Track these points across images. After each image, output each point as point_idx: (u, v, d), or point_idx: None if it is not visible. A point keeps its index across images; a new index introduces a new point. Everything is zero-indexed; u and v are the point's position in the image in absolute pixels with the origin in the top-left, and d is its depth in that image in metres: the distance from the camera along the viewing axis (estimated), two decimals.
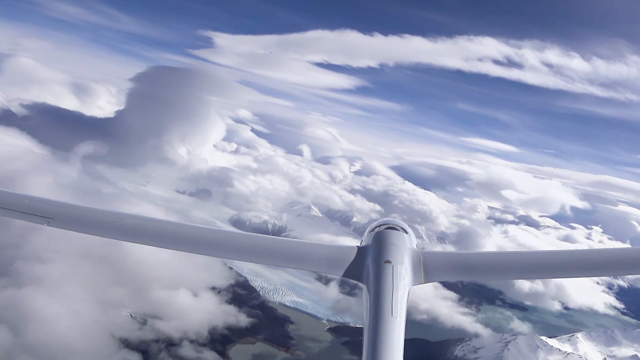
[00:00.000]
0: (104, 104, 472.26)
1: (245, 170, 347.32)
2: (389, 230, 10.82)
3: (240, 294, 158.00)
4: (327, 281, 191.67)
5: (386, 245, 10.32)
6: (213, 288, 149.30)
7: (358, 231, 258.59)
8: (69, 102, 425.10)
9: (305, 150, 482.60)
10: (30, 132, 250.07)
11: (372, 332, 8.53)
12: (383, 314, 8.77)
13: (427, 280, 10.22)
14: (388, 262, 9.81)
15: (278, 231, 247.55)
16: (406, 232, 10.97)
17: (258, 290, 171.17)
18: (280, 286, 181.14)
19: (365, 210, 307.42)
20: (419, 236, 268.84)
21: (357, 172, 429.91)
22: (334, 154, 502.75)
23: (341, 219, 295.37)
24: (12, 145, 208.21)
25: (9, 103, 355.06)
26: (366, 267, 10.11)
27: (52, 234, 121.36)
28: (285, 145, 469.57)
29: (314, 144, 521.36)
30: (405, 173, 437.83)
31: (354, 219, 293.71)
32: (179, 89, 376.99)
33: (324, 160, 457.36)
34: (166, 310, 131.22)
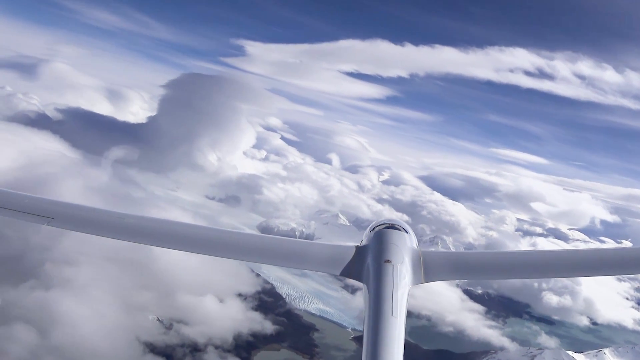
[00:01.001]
0: (136, 109, 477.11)
1: (274, 178, 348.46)
2: (389, 229, 10.83)
3: (267, 301, 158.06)
4: (353, 290, 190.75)
5: (386, 245, 10.34)
6: (239, 295, 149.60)
7: None
8: (102, 108, 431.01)
9: (334, 159, 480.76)
10: (63, 136, 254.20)
11: (372, 332, 8.56)
12: (383, 313, 8.78)
13: (427, 280, 10.23)
14: (388, 261, 9.82)
15: (305, 239, 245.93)
16: (406, 232, 10.97)
17: (284, 297, 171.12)
18: (306, 294, 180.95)
19: None
20: (446, 247, 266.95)
21: (385, 182, 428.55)
22: (362, 163, 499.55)
23: None
24: (44, 148, 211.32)
25: (45, 107, 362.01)
26: (366, 267, 10.11)
27: (81, 238, 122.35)
28: (315, 154, 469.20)
29: (343, 152, 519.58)
30: (434, 183, 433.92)
31: None
32: (210, 96, 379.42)
33: (353, 169, 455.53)
34: (192, 316, 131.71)
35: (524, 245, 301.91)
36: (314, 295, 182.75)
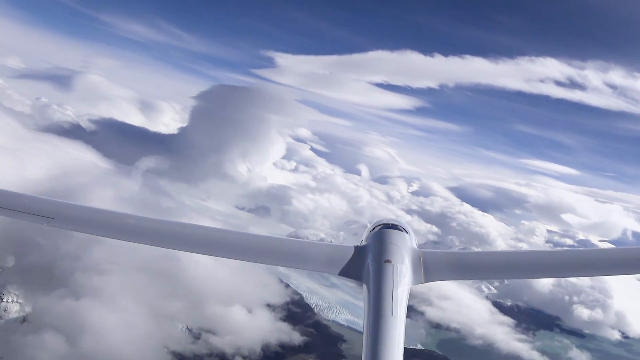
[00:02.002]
0: (168, 120, 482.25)
1: (303, 189, 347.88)
2: (389, 229, 11.07)
3: (295, 311, 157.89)
4: None
5: (386, 245, 10.49)
6: (268, 305, 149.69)
7: None
8: (135, 118, 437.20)
9: (364, 169, 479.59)
10: (95, 146, 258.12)
11: (372, 332, 8.56)
12: (383, 313, 8.81)
13: (427, 280, 10.34)
14: (388, 261, 9.93)
15: None
16: (406, 232, 11.16)
17: (313, 307, 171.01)
18: (334, 304, 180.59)
19: (423, 232, 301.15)
20: None
21: (414, 193, 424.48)
22: (392, 174, 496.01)
23: None
24: (77, 158, 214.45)
25: (79, 118, 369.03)
26: (366, 266, 10.18)
27: (112, 246, 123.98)
28: (344, 165, 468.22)
29: (372, 163, 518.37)
30: (463, 194, 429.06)
31: None
32: (241, 107, 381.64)
33: (382, 180, 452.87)
34: (220, 326, 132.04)
35: None
36: (343, 305, 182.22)
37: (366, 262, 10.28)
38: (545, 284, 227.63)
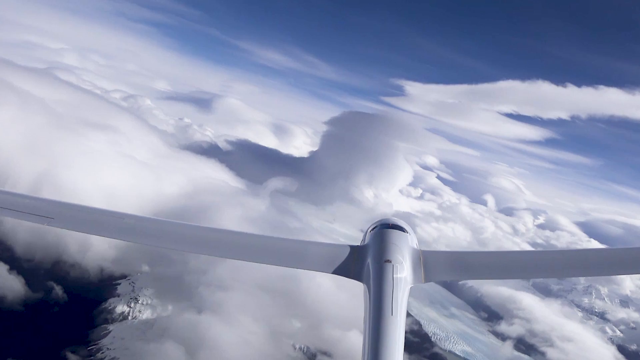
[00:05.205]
0: (300, 144, 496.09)
1: (428, 217, 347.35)
2: (389, 229, 10.88)
3: (413, 340, 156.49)
4: (504, 338, 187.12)
5: (386, 244, 10.42)
6: None
7: (537, 287, 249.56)
8: (268, 141, 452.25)
9: (490, 200, 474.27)
10: (229, 166, 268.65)
11: (372, 332, 8.70)
12: (383, 313, 8.93)
13: (427, 280, 10.28)
14: (388, 261, 9.93)
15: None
16: (406, 232, 11.03)
17: (430, 336, 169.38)
18: (452, 334, 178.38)
19: None
20: (600, 298, 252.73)
21: (540, 226, 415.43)
22: (518, 206, 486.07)
23: None
24: (211, 177, 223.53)
25: (217, 138, 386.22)
26: (366, 266, 10.22)
27: (236, 264, 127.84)
28: (470, 194, 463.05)
29: (498, 194, 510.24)
30: (591, 230, 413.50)
31: None
32: (370, 133, 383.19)
33: (508, 212, 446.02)
34: (336, 349, 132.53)
35: None
36: (460, 336, 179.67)
37: (366, 261, 10.34)
38: None
